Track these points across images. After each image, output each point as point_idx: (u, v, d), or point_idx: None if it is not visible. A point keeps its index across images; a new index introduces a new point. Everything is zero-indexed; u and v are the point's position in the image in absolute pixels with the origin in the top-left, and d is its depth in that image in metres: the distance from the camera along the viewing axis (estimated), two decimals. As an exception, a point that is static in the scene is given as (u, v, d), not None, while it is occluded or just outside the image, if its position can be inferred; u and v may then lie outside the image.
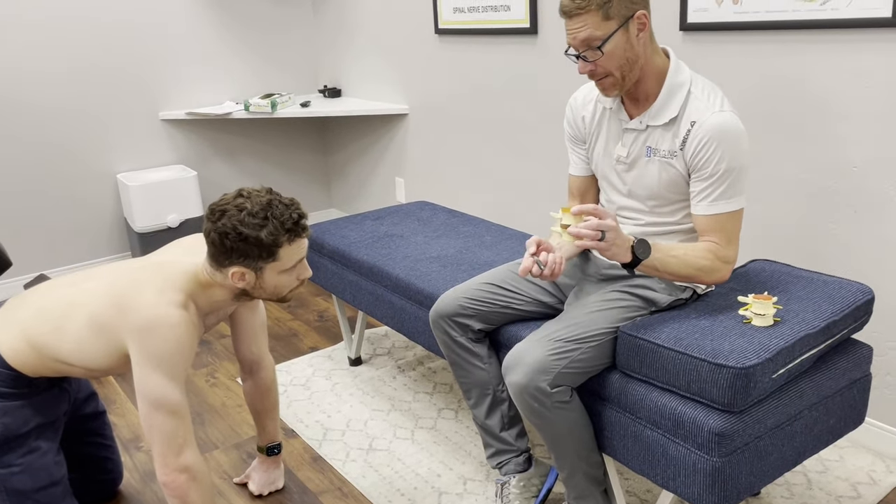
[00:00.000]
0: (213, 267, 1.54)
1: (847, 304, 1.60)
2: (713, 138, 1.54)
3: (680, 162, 1.60)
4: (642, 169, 1.66)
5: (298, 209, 1.52)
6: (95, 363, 1.56)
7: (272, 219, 1.47)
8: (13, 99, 3.28)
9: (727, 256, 1.59)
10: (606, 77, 1.58)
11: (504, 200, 3.11)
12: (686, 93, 1.59)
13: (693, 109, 1.58)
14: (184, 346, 1.49)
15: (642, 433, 1.54)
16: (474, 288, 1.83)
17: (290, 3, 3.94)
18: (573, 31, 1.55)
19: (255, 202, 1.47)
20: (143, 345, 1.47)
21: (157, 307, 1.47)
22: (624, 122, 1.67)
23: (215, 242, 1.49)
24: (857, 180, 1.95)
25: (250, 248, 1.48)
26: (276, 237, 1.48)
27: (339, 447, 2.20)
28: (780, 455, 1.52)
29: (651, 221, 1.70)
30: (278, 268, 1.53)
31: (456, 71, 3.16)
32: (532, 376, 1.54)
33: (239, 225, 1.45)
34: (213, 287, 1.57)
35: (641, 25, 1.55)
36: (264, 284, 1.55)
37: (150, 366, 1.48)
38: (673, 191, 1.64)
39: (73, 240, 3.57)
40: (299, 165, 4.21)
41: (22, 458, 1.60)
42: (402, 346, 2.82)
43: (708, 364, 1.40)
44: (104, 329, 1.52)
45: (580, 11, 1.52)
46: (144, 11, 3.51)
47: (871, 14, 1.81)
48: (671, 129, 1.60)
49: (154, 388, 1.49)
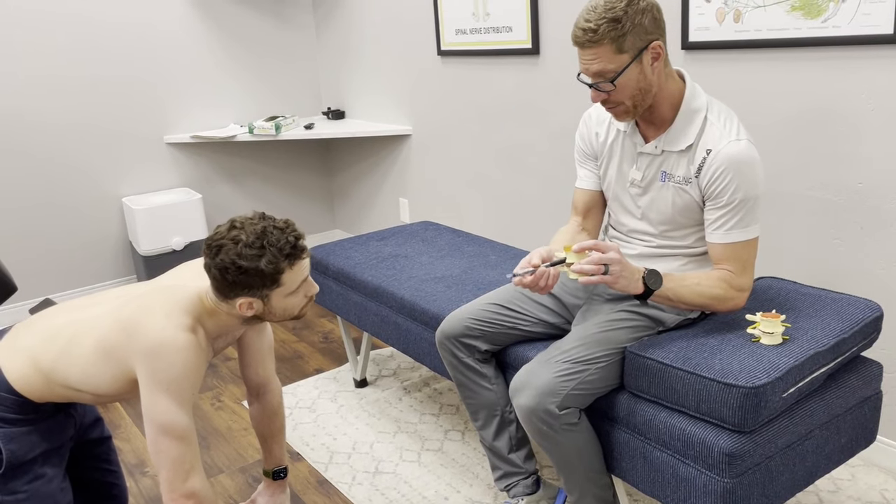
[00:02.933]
0: (220, 299, 1.53)
1: (856, 322, 1.59)
2: (729, 168, 1.52)
3: (695, 189, 1.59)
4: (656, 193, 1.65)
5: (294, 231, 1.51)
6: (103, 388, 1.56)
7: (269, 247, 1.45)
8: (20, 124, 3.30)
9: (741, 285, 1.58)
10: (618, 106, 1.57)
11: (508, 220, 3.11)
12: (703, 119, 1.57)
13: (710, 137, 1.56)
14: (191, 371, 1.48)
15: (651, 454, 1.52)
16: (480, 308, 1.82)
17: (293, 27, 3.97)
18: (585, 61, 1.53)
19: (249, 232, 1.46)
20: (150, 369, 1.46)
21: (164, 331, 1.47)
22: (639, 146, 1.66)
23: (217, 278, 1.47)
24: (863, 196, 1.95)
25: (253, 280, 1.46)
26: (276, 264, 1.46)
27: (346, 470, 2.18)
28: (792, 475, 1.51)
29: (662, 245, 1.69)
30: (284, 292, 1.52)
31: (458, 92, 3.18)
32: (540, 399, 1.53)
33: (237, 259, 1.44)
34: (219, 313, 1.57)
35: (656, 55, 1.52)
36: (273, 309, 1.55)
37: (157, 390, 1.47)
38: (686, 216, 1.63)
39: (78, 264, 3.58)
40: (303, 187, 4.22)
41: (28, 484, 1.59)
42: (408, 367, 2.80)
43: (717, 384, 1.39)
44: (111, 353, 1.52)
45: (592, 45, 1.49)
46: (150, 37, 3.55)
47: (872, 31, 1.81)
48: (687, 156, 1.59)
49: (161, 413, 1.48)
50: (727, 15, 2.10)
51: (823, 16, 1.89)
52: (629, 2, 1.47)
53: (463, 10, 3.01)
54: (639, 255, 1.72)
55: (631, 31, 1.48)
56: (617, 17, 1.46)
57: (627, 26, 1.47)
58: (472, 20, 2.98)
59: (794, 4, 1.94)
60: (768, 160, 2.13)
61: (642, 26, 1.49)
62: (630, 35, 1.48)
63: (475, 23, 2.97)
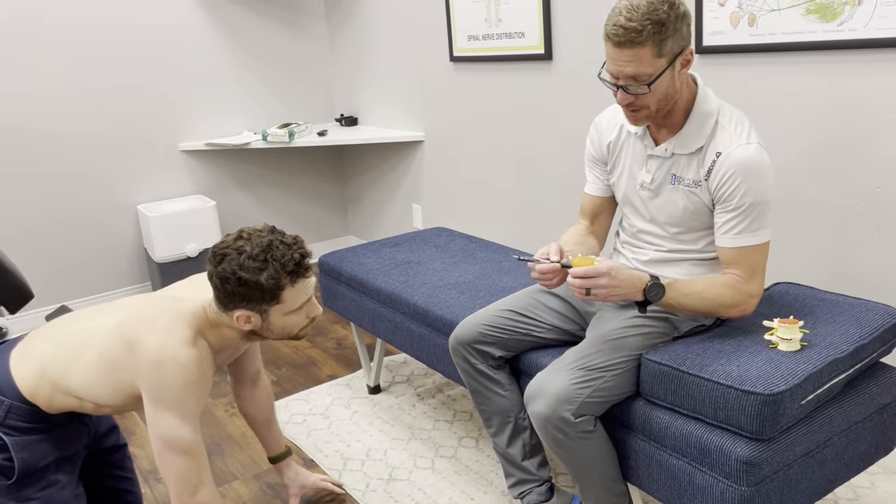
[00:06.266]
0: (220, 309, 1.52)
1: (875, 327, 1.57)
2: (738, 172, 1.50)
3: (704, 192, 1.58)
4: (666, 196, 1.64)
5: (301, 248, 1.48)
6: (104, 399, 1.55)
7: (272, 261, 1.44)
8: (36, 131, 3.33)
9: (750, 290, 1.55)
10: (642, 110, 1.54)
11: (521, 225, 3.10)
12: (714, 123, 1.56)
13: (720, 140, 1.54)
14: (195, 385, 1.47)
15: (668, 462, 1.51)
16: (494, 315, 1.82)
17: (307, 35, 3.99)
18: (621, 62, 1.47)
19: (254, 244, 1.44)
20: (153, 384, 1.45)
21: (165, 348, 1.45)
22: (649, 148, 1.65)
23: (217, 287, 1.47)
24: (881, 201, 1.92)
25: (252, 293, 1.45)
26: (277, 280, 1.44)
27: (360, 477, 2.18)
28: (811, 483, 1.49)
29: (672, 248, 1.68)
30: (283, 310, 1.50)
31: (471, 98, 3.18)
32: (555, 406, 1.52)
33: (238, 269, 1.43)
34: (221, 326, 1.56)
35: (686, 62, 1.51)
36: (271, 326, 1.53)
37: (161, 405, 1.46)
38: (696, 219, 1.62)
39: (93, 271, 3.60)
40: (317, 193, 4.23)
41: (40, 491, 1.59)
42: (421, 373, 2.80)
43: (735, 391, 1.38)
44: (113, 366, 1.51)
45: (633, 45, 1.44)
46: (164, 45, 3.57)
47: (888, 34, 1.79)
48: (696, 158, 1.58)
49: (166, 429, 1.47)
50: (742, 19, 2.08)
51: (839, 19, 1.88)
52: (671, 6, 1.44)
53: (475, 17, 3.01)
54: (650, 260, 1.71)
55: (671, 36, 1.45)
56: (661, 20, 1.43)
57: (670, 31, 1.44)
58: (484, 26, 2.98)
59: (809, 8, 1.93)
60: (785, 164, 2.11)
61: (681, 32, 1.47)
62: (670, 40, 1.45)
63: (487, 29, 2.97)
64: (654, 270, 1.69)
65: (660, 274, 1.67)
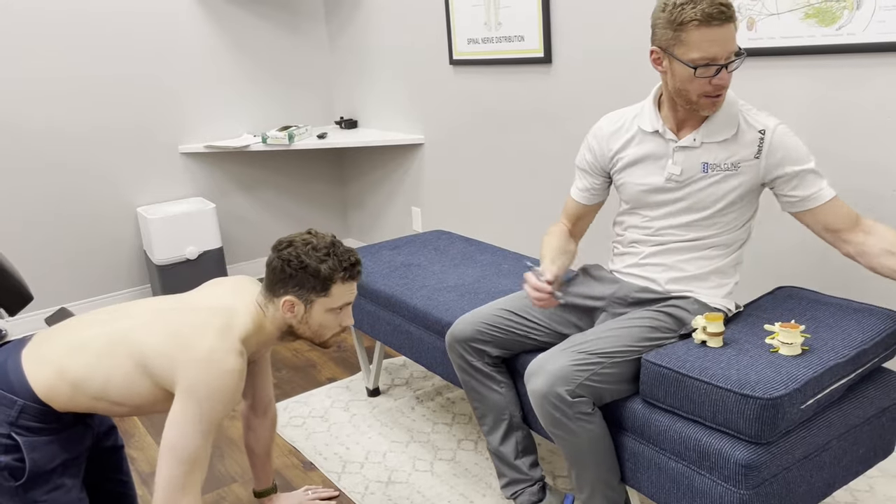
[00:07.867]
0: (266, 297, 1.61)
1: (877, 332, 1.57)
2: (788, 138, 1.61)
3: (753, 170, 1.62)
4: (696, 185, 1.67)
5: (357, 255, 1.63)
6: (133, 399, 1.57)
7: (333, 255, 1.57)
8: (35, 133, 3.33)
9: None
10: (724, 90, 1.59)
11: (520, 228, 3.10)
12: (737, 107, 1.64)
13: (753, 121, 1.62)
14: (228, 393, 1.51)
15: (667, 465, 1.51)
16: (492, 314, 1.82)
17: (307, 38, 3.99)
18: (723, 39, 1.51)
19: (320, 240, 1.59)
20: (193, 379, 1.48)
21: (216, 351, 1.50)
22: (674, 142, 1.68)
23: (276, 269, 1.57)
24: (881, 205, 1.93)
25: (307, 278, 1.56)
26: (333, 272, 1.56)
27: (359, 480, 2.18)
28: (809, 487, 1.49)
29: (694, 237, 1.71)
30: (327, 304, 1.59)
31: (471, 101, 3.18)
32: (553, 382, 1.53)
33: (302, 254, 1.55)
34: (263, 326, 1.61)
35: None
36: (310, 320, 1.61)
37: (189, 399, 1.49)
38: (731, 201, 1.66)
39: (93, 273, 3.60)
40: (316, 196, 4.23)
41: (47, 494, 1.60)
42: (421, 376, 2.80)
43: (734, 394, 1.38)
44: (155, 363, 1.53)
45: (731, 20, 1.50)
46: (164, 47, 3.58)
47: (887, 38, 1.80)
48: (731, 142, 1.63)
49: (181, 429, 1.49)
50: (741, 23, 2.09)
51: (838, 23, 1.88)
52: None
53: (475, 20, 3.01)
54: (665, 251, 1.74)
55: None
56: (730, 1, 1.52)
57: None
58: (484, 29, 2.98)
59: (808, 12, 1.93)
60: (783, 168, 2.11)
61: None
62: None
63: (487, 32, 2.97)
64: (670, 260, 1.72)
65: (675, 264, 1.71)
